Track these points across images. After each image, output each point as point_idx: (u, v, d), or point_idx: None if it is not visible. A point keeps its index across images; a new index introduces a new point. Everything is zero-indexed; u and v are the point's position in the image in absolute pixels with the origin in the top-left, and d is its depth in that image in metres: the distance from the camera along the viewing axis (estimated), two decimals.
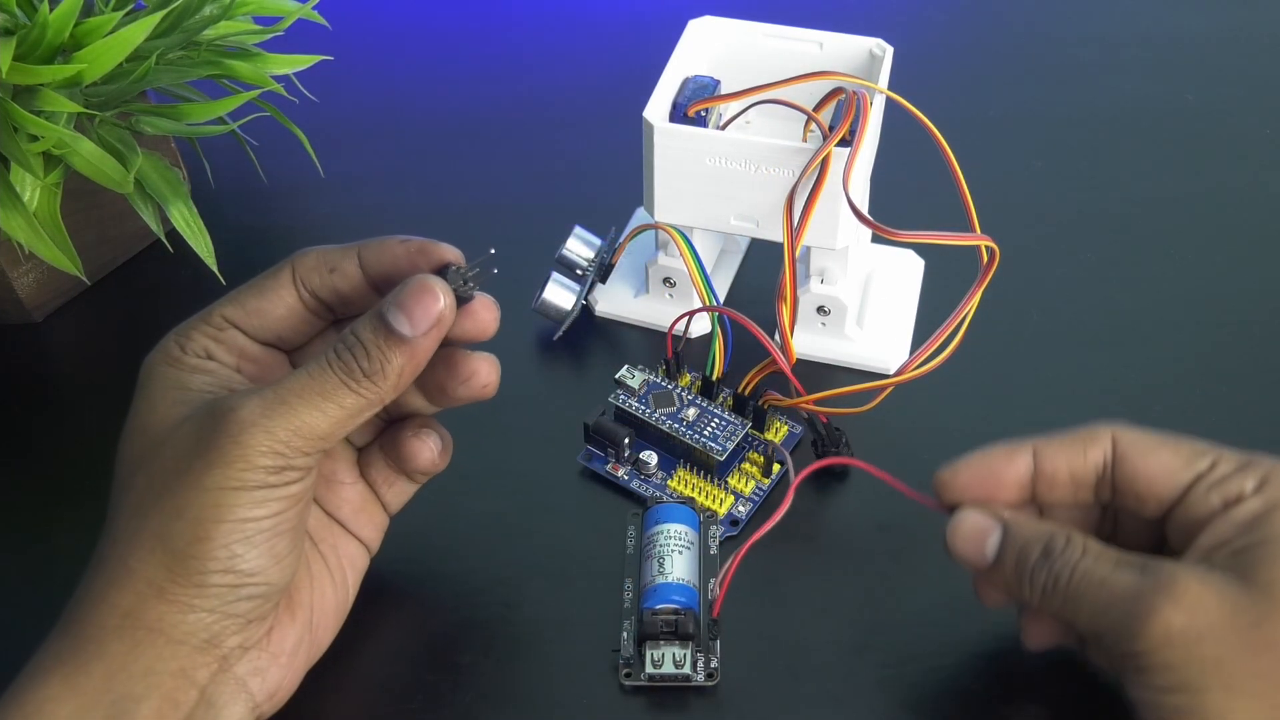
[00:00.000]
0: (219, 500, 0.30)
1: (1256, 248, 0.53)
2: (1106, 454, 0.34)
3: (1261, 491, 0.32)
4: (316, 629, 0.35)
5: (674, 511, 0.39)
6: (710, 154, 0.42)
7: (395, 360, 0.32)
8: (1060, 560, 0.32)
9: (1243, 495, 0.32)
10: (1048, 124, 0.60)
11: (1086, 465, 0.34)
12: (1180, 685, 0.30)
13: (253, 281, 0.35)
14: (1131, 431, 0.34)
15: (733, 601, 0.38)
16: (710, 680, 0.36)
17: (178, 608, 0.30)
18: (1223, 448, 0.33)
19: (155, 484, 0.31)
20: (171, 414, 0.32)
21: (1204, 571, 0.30)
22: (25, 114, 0.40)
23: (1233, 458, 0.33)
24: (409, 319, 0.32)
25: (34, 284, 0.49)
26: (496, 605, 0.39)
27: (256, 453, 0.30)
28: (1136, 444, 0.33)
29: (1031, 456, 0.34)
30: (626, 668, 0.36)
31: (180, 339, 0.34)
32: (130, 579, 0.30)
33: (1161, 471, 0.33)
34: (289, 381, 0.31)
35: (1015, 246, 0.43)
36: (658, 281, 0.48)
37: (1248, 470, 0.32)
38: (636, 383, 0.44)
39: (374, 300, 0.34)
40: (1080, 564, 0.32)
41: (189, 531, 0.30)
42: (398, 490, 0.38)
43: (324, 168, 0.51)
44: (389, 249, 0.34)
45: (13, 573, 0.41)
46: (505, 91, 0.63)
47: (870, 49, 0.46)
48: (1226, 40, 0.66)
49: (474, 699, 0.37)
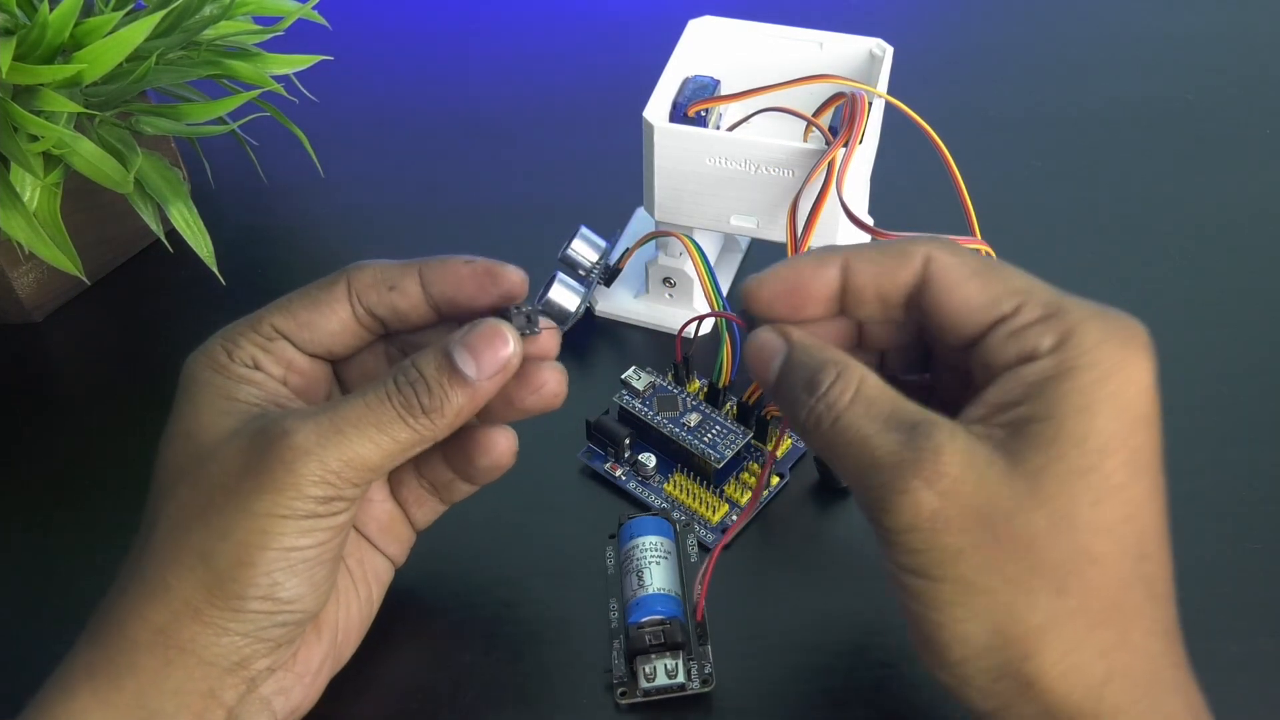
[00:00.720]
0: (266, 527, 0.29)
1: (1256, 248, 0.53)
2: (916, 275, 0.30)
3: (1056, 352, 0.27)
4: (340, 645, 0.35)
5: (647, 524, 0.39)
6: (710, 154, 0.42)
7: (456, 400, 0.31)
8: (823, 401, 0.28)
9: (1036, 353, 0.28)
10: (1048, 124, 0.60)
11: (895, 284, 0.30)
12: (920, 569, 0.27)
13: (305, 291, 0.33)
14: (947, 253, 0.29)
15: (729, 606, 0.38)
16: (706, 686, 0.36)
17: (212, 630, 0.29)
18: (1040, 287, 0.29)
19: (200, 499, 0.30)
20: (218, 424, 0.31)
21: (971, 445, 0.27)
22: (25, 114, 0.40)
23: (1041, 303, 0.28)
24: (476, 362, 0.31)
25: (34, 284, 0.49)
26: (496, 605, 0.39)
27: (308, 481, 0.29)
28: (949, 270, 0.29)
29: (840, 269, 0.30)
30: (621, 686, 0.36)
31: (227, 344, 0.33)
32: (167, 595, 0.29)
33: (965, 306, 0.29)
34: (345, 409, 0.30)
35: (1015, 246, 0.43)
36: (658, 281, 0.48)
37: (1049, 323, 0.28)
38: (642, 384, 0.43)
39: (432, 318, 0.33)
40: (846, 411, 0.28)
41: (232, 555, 0.29)
42: (428, 509, 0.37)
43: (324, 168, 0.51)
44: (453, 269, 0.33)
45: (13, 572, 0.41)
46: (505, 91, 0.63)
47: (870, 49, 0.46)
48: (1226, 40, 0.66)
49: (474, 699, 0.37)
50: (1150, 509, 0.27)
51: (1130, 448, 0.27)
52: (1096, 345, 0.27)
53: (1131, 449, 0.27)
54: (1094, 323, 0.27)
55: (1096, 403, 0.26)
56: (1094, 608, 0.26)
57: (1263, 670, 0.37)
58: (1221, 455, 0.44)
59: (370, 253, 0.54)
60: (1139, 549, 0.27)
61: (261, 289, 0.51)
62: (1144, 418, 0.27)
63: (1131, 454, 0.27)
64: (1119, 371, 0.27)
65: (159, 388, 0.48)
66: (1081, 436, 0.26)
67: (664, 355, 0.47)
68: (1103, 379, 0.27)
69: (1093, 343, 0.27)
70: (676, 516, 0.41)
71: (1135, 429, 0.27)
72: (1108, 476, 0.26)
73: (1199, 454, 0.44)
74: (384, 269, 0.33)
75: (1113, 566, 0.26)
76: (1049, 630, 0.26)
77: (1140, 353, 0.27)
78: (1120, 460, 0.26)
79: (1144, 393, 0.27)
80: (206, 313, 0.51)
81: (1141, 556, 0.27)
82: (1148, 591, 0.27)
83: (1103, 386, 0.27)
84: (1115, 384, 0.27)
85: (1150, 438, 0.27)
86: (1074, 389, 0.27)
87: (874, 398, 0.28)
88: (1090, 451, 0.26)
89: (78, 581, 0.40)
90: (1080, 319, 0.28)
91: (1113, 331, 0.27)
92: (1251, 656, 0.37)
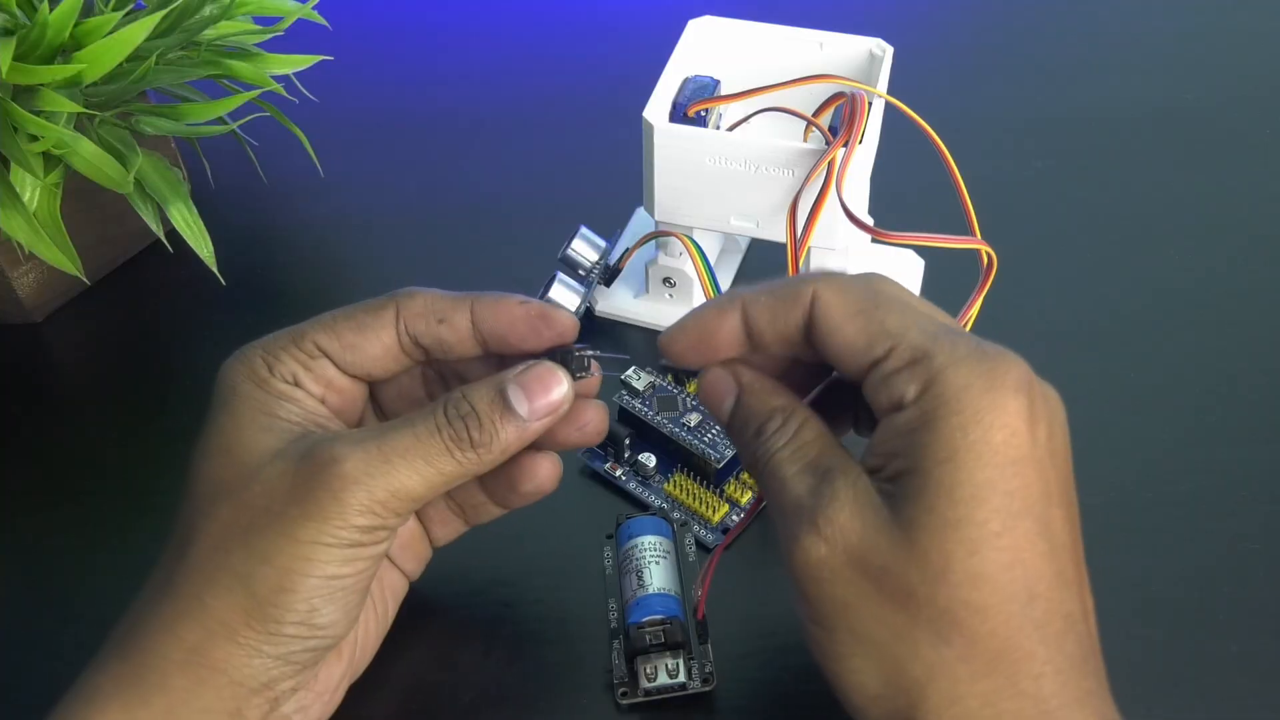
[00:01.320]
0: (310, 554, 0.29)
1: (1256, 247, 0.53)
2: (805, 315, 0.30)
3: (919, 401, 0.27)
4: (357, 661, 0.35)
5: (645, 524, 0.39)
6: (710, 154, 0.42)
7: (505, 436, 0.31)
8: (763, 446, 0.30)
9: (903, 401, 0.28)
10: (1048, 124, 0.60)
11: (789, 325, 0.30)
12: (815, 618, 0.28)
13: (350, 312, 0.33)
14: (831, 291, 0.29)
15: (729, 604, 0.38)
16: (706, 685, 0.36)
17: (245, 651, 0.29)
18: (915, 328, 0.28)
19: (242, 520, 0.30)
20: (260, 442, 0.31)
21: (865, 496, 0.27)
22: (25, 114, 0.40)
23: (909, 347, 0.28)
24: (529, 403, 0.31)
25: (34, 284, 0.49)
26: (496, 605, 0.39)
27: (354, 511, 0.29)
28: (831, 310, 0.29)
29: (739, 314, 0.31)
30: (622, 686, 0.36)
31: (268, 358, 0.32)
32: (203, 615, 0.29)
33: (845, 348, 0.29)
34: (394, 438, 0.30)
35: (1015, 247, 0.43)
36: (657, 281, 0.48)
37: (914, 369, 0.27)
38: (642, 384, 0.43)
39: (477, 352, 0.34)
40: (775, 455, 0.29)
41: (274, 580, 0.29)
42: (450, 529, 0.37)
43: (324, 168, 0.51)
44: (506, 309, 0.33)
45: (13, 572, 0.41)
46: (505, 91, 0.63)
47: (870, 49, 0.46)
48: (1226, 40, 0.66)
49: (474, 699, 0.37)
50: (1036, 551, 0.26)
51: (1004, 493, 0.26)
52: (958, 393, 0.27)
53: (1005, 494, 0.26)
54: (958, 368, 0.27)
55: (960, 452, 0.26)
56: (978, 657, 0.26)
57: (1263, 670, 0.37)
58: (1221, 455, 0.44)
59: (370, 252, 0.54)
60: (1025, 593, 0.26)
61: (261, 289, 0.52)
62: (1017, 460, 0.26)
63: (1006, 499, 0.26)
64: (982, 418, 0.26)
65: (159, 388, 0.48)
66: (949, 487, 0.26)
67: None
68: (964, 427, 0.26)
69: (954, 391, 0.27)
70: (676, 516, 0.41)
71: (1007, 474, 0.26)
72: (981, 525, 0.26)
73: (1199, 454, 0.44)
74: (434, 300, 0.33)
75: (996, 614, 0.26)
76: (932, 681, 0.26)
77: (1006, 394, 0.27)
78: (993, 508, 0.26)
79: (1014, 435, 0.27)
80: (206, 313, 0.51)
81: (1029, 600, 0.26)
82: (1039, 634, 0.26)
83: (965, 435, 0.26)
84: (979, 431, 0.26)
85: (1028, 479, 0.27)
86: (936, 439, 0.27)
87: (805, 443, 0.29)
88: (959, 502, 0.26)
89: (78, 581, 0.40)
90: (943, 365, 0.27)
91: (976, 376, 0.27)
92: (1251, 656, 0.37)
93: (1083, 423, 0.37)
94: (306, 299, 0.52)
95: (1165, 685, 0.37)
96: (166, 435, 0.45)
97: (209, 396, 0.47)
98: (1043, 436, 0.27)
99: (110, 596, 0.40)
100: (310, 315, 0.50)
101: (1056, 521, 0.27)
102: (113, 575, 0.40)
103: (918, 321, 0.28)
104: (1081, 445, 0.43)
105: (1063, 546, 0.27)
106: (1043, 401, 0.28)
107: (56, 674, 0.37)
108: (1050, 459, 0.27)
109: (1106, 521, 0.41)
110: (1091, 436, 0.44)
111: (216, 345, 0.49)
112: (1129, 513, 0.42)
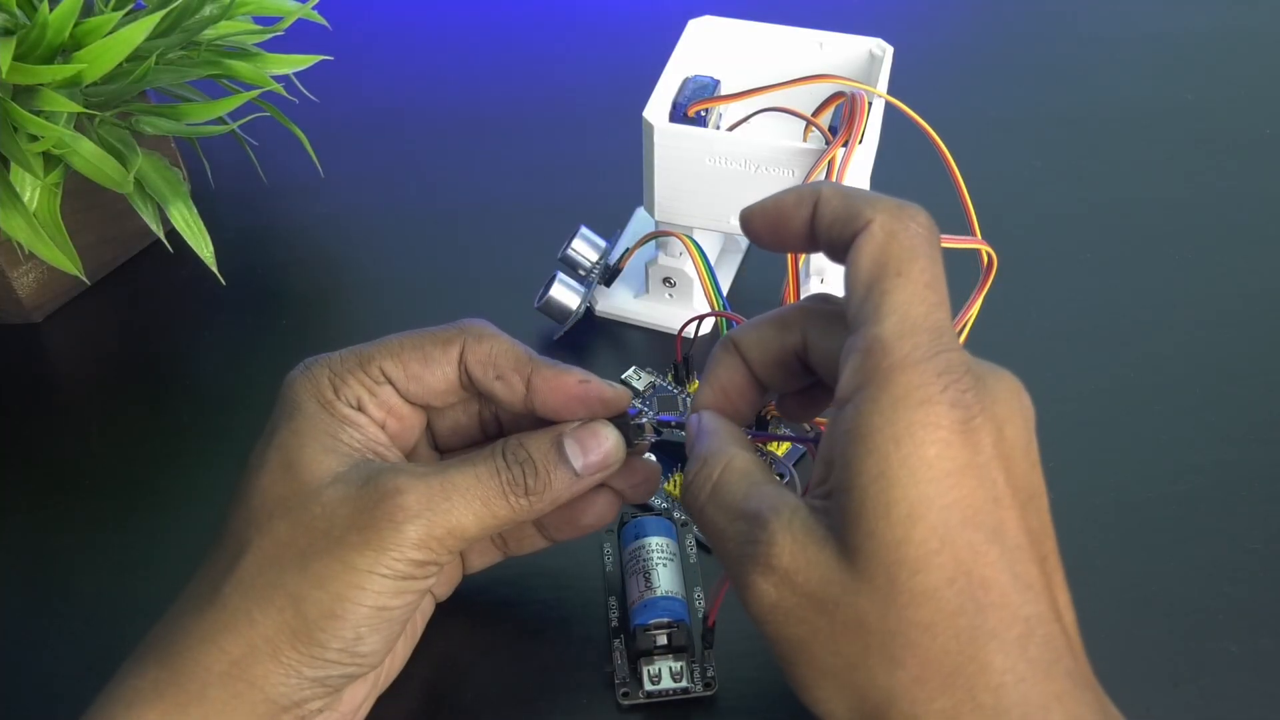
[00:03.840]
0: (364, 583, 0.30)
1: (1256, 247, 0.53)
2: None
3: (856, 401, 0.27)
4: (382, 682, 0.35)
5: (652, 525, 0.39)
6: (710, 154, 0.42)
7: (557, 487, 0.32)
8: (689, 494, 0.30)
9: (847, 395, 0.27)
10: (1048, 124, 0.60)
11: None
12: (780, 656, 0.28)
13: (417, 342, 0.34)
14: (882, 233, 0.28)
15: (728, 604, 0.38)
16: (708, 689, 0.36)
17: (284, 670, 0.30)
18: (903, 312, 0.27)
19: (299, 541, 0.30)
20: (322, 464, 0.31)
21: (806, 531, 0.27)
22: (25, 114, 0.40)
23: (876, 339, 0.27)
24: (584, 459, 0.32)
25: (34, 284, 0.49)
26: (497, 605, 0.39)
27: (411, 545, 0.30)
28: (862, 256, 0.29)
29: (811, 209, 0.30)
30: (624, 687, 0.36)
31: (334, 379, 0.33)
32: (250, 630, 0.29)
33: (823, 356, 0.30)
34: (456, 476, 0.31)
35: (1015, 247, 0.43)
36: (658, 281, 0.48)
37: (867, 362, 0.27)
38: (642, 384, 0.43)
39: (526, 413, 0.34)
40: (706, 504, 0.30)
41: (326, 605, 0.29)
42: (487, 557, 0.38)
43: (324, 168, 0.51)
44: (564, 386, 0.33)
45: (13, 572, 0.41)
46: (505, 91, 0.63)
47: (870, 49, 0.46)
48: (1226, 40, 0.66)
49: (474, 699, 0.37)
50: (984, 560, 0.26)
51: (940, 508, 0.26)
52: (893, 403, 0.26)
53: (942, 509, 0.26)
54: (905, 373, 0.26)
55: (893, 468, 0.26)
56: (932, 676, 0.26)
57: (1263, 670, 0.37)
58: (1221, 455, 0.44)
59: (370, 252, 0.54)
60: (973, 605, 0.26)
61: (261, 289, 0.52)
62: (953, 472, 0.26)
63: (943, 514, 0.26)
64: (914, 432, 0.26)
65: (159, 388, 0.48)
66: (885, 506, 0.26)
67: (664, 355, 0.47)
68: (896, 439, 0.26)
69: (890, 400, 0.26)
70: (677, 517, 0.41)
71: (944, 487, 0.26)
72: (920, 544, 0.26)
73: (1199, 454, 0.44)
74: (497, 353, 0.34)
75: (944, 630, 0.26)
76: (893, 705, 0.26)
77: (940, 407, 0.26)
78: (930, 524, 0.26)
79: (948, 447, 0.26)
80: (206, 313, 0.51)
81: (978, 611, 0.26)
82: (995, 644, 0.26)
83: (897, 449, 0.26)
84: (910, 445, 0.26)
85: (968, 489, 0.26)
86: (869, 454, 0.26)
87: (729, 486, 0.29)
88: (896, 523, 0.26)
89: (78, 581, 0.40)
90: (891, 367, 0.26)
91: (916, 385, 0.26)
92: (1251, 656, 0.37)
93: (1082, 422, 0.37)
94: (306, 299, 0.52)
95: (1165, 685, 0.37)
96: (166, 435, 0.45)
97: (209, 396, 0.47)
98: (987, 442, 0.26)
99: (110, 596, 0.40)
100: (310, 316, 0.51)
101: (1010, 525, 0.26)
102: (112, 575, 0.40)
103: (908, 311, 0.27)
104: (1081, 445, 0.44)
105: (1018, 549, 0.26)
106: (986, 406, 0.27)
107: (55, 674, 0.37)
108: (999, 462, 0.27)
109: (1105, 522, 0.41)
110: (1091, 436, 0.44)
111: (216, 345, 0.50)
112: (1128, 513, 0.42)
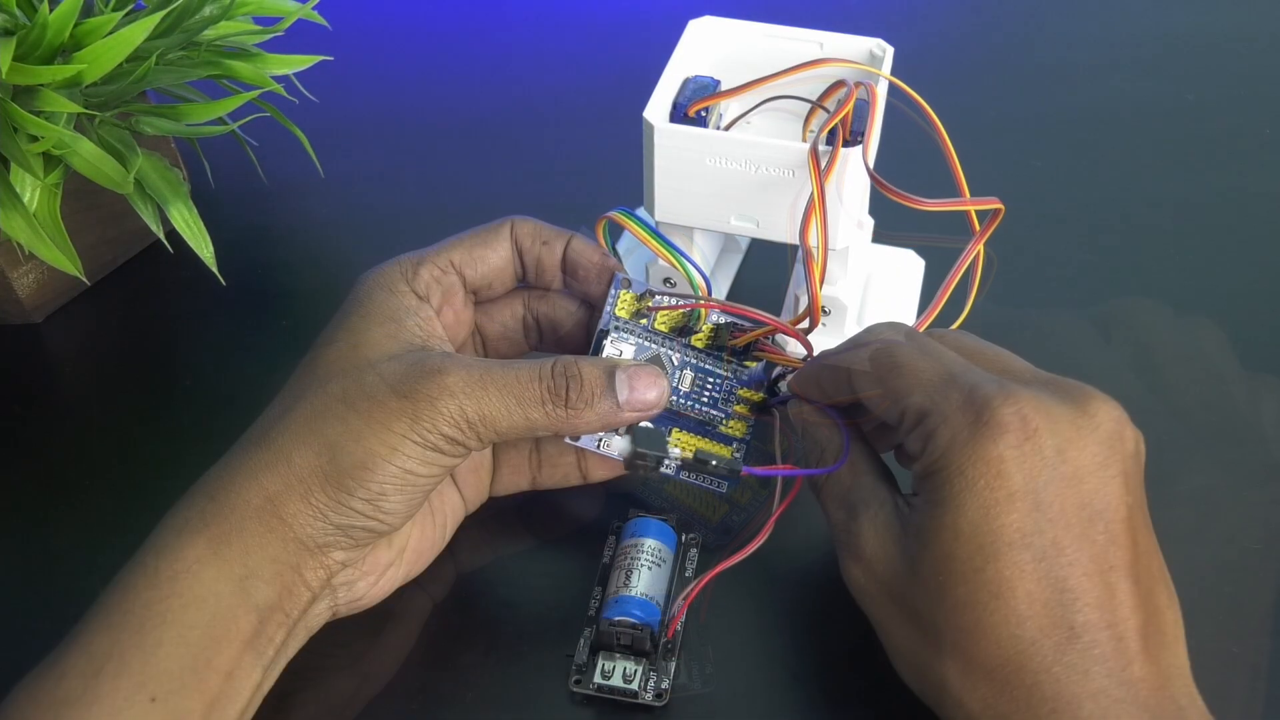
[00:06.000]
0: (397, 445, 0.33)
1: (1256, 247, 0.53)
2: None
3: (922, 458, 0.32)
4: (408, 560, 0.37)
5: (651, 527, 0.39)
6: (710, 154, 0.42)
7: (597, 409, 0.34)
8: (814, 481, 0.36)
9: (914, 456, 0.32)
10: (1048, 124, 0.60)
11: None
12: (873, 625, 0.34)
13: (475, 231, 0.39)
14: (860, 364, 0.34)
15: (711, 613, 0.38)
16: (658, 700, 0.36)
17: (312, 511, 0.33)
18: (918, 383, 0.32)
19: (348, 399, 0.33)
20: (384, 344, 0.35)
21: (887, 529, 0.33)
22: (25, 114, 0.40)
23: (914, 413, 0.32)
24: (630, 394, 0.35)
25: (34, 284, 0.49)
26: (496, 605, 0.39)
27: (445, 420, 0.33)
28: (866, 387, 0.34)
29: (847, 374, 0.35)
30: (578, 674, 0.36)
31: (406, 272, 0.37)
32: (287, 469, 0.33)
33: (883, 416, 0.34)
34: (497, 371, 0.34)
35: (1015, 246, 0.43)
36: (658, 281, 0.48)
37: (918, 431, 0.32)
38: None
39: (559, 283, 0.40)
40: (821, 490, 0.35)
41: (359, 457, 0.32)
42: (514, 480, 0.41)
43: (324, 168, 0.51)
44: (592, 254, 0.40)
45: (12, 572, 0.41)
46: (505, 91, 0.63)
47: (870, 49, 0.46)
48: (1226, 40, 0.66)
49: (474, 699, 0.37)
50: (1030, 577, 0.30)
51: (988, 531, 0.30)
52: (945, 450, 0.31)
53: (990, 532, 0.30)
54: (947, 425, 0.31)
55: (949, 498, 0.31)
56: (975, 670, 0.30)
57: (1263, 670, 0.37)
58: (1221, 455, 0.44)
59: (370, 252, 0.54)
60: (1014, 617, 0.30)
61: (261, 289, 0.52)
62: (1004, 500, 0.30)
63: (991, 536, 0.30)
64: (965, 469, 0.30)
65: (159, 388, 0.48)
66: (939, 528, 0.31)
67: None
68: (950, 478, 0.31)
69: (942, 448, 0.31)
70: (677, 517, 0.41)
71: (992, 514, 0.30)
72: (966, 561, 0.30)
73: (1199, 454, 0.44)
74: (539, 227, 0.40)
75: (985, 636, 0.30)
76: (945, 688, 0.31)
77: (986, 443, 0.30)
78: (977, 545, 0.30)
79: (997, 477, 0.30)
80: (206, 313, 0.51)
81: (1019, 622, 0.30)
82: (1033, 649, 0.29)
83: (951, 485, 0.31)
84: (962, 481, 0.30)
85: (1018, 514, 0.30)
86: (934, 487, 0.31)
87: (839, 476, 0.35)
88: (948, 541, 0.30)
89: (77, 581, 0.40)
90: (935, 425, 0.31)
91: (961, 428, 0.31)
92: (1251, 656, 0.37)
93: None
94: (306, 299, 0.52)
95: None
96: (166, 435, 0.45)
97: (210, 396, 0.47)
98: (1040, 469, 0.30)
99: None
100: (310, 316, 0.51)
101: (1067, 544, 0.30)
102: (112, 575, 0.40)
103: (920, 380, 0.32)
104: None
105: (1071, 564, 0.30)
106: (1042, 435, 0.30)
107: None
108: (1059, 484, 0.30)
109: None
110: None
111: (216, 345, 0.50)
112: None
